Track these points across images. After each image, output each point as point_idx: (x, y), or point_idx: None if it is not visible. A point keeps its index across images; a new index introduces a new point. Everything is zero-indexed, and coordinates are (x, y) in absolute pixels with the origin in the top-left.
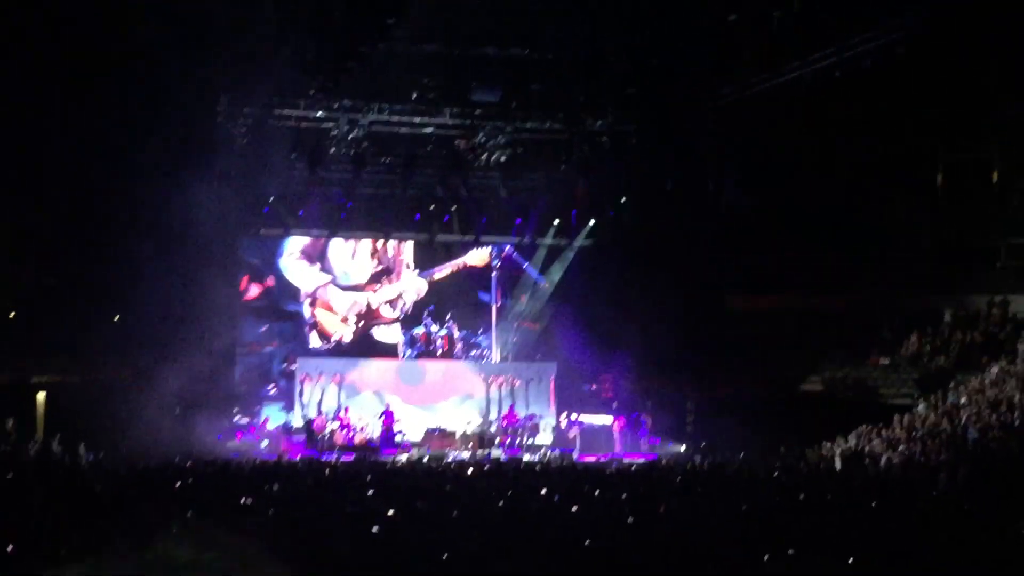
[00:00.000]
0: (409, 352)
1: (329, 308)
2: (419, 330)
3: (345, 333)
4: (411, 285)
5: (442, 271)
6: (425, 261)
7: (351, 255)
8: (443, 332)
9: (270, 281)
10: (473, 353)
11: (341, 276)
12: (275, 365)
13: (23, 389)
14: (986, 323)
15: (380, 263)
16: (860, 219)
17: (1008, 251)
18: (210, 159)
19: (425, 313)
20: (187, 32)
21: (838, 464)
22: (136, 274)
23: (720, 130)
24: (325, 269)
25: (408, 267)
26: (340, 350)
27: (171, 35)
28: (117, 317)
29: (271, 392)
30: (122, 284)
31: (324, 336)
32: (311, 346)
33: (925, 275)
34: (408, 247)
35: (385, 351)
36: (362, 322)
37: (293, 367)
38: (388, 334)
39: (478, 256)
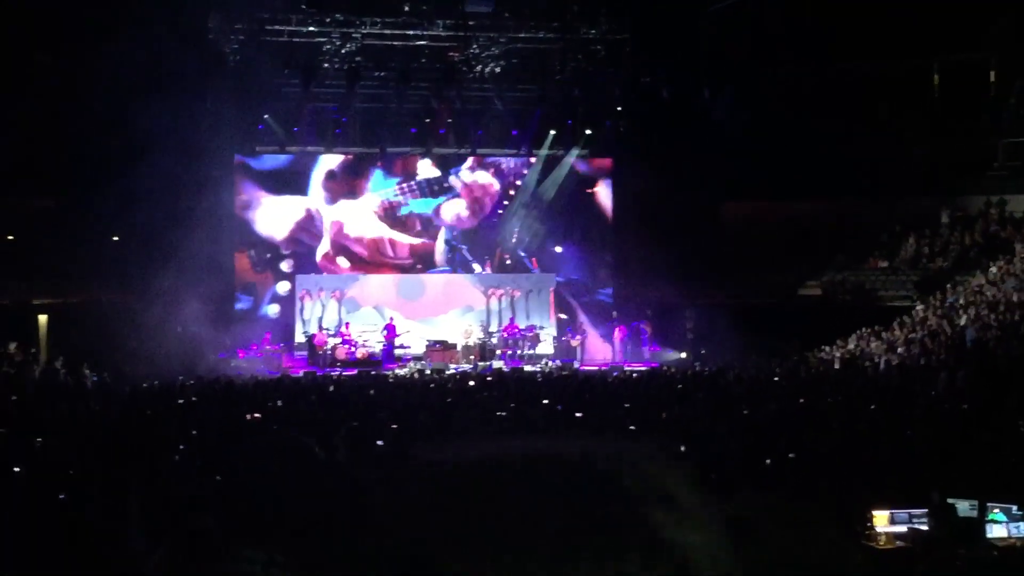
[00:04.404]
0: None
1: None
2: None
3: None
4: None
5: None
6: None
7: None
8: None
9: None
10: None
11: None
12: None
13: (25, 312)
14: (984, 224)
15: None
16: (857, 122)
17: (1004, 151)
18: (203, 77)
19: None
20: None
21: (837, 367)
22: (133, 194)
23: (715, 37)
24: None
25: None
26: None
27: None
28: (115, 238)
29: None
30: (119, 205)
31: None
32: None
33: (922, 177)
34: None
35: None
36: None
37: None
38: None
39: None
